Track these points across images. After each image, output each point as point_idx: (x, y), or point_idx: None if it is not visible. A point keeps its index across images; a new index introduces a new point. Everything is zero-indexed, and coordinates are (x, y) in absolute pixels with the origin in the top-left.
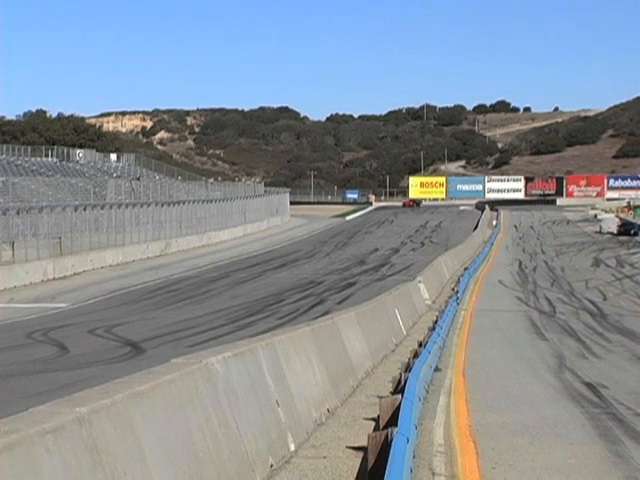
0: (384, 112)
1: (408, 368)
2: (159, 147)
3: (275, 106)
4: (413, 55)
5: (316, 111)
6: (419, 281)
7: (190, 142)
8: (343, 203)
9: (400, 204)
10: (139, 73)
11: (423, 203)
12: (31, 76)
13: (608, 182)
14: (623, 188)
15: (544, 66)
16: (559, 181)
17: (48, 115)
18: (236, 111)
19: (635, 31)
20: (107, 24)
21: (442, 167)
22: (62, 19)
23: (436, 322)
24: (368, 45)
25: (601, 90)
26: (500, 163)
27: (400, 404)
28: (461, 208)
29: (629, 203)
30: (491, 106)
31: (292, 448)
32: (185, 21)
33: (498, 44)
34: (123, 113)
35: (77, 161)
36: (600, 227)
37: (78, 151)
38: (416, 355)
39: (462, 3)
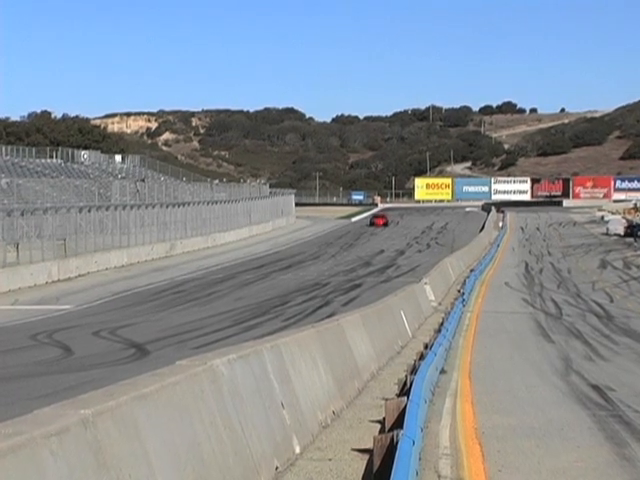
0: (390, 113)
1: (414, 370)
2: (164, 148)
3: (280, 107)
4: (419, 56)
5: (321, 112)
6: (425, 283)
7: (195, 143)
8: (348, 204)
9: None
10: (144, 74)
11: (429, 205)
12: (35, 77)
13: (615, 183)
14: (630, 189)
15: (550, 67)
16: (565, 182)
17: (53, 116)
18: (241, 112)
19: None
20: (112, 25)
21: (448, 168)
22: (67, 19)
23: (442, 324)
24: (373, 46)
25: (608, 91)
26: (506, 164)
27: (406, 406)
28: (467, 210)
29: (636, 204)
30: (497, 107)
31: (297, 450)
32: (190, 22)
33: (504, 45)
34: (128, 114)
35: (82, 162)
36: (607, 229)
37: (83, 152)
38: (422, 357)
39: (468, 3)
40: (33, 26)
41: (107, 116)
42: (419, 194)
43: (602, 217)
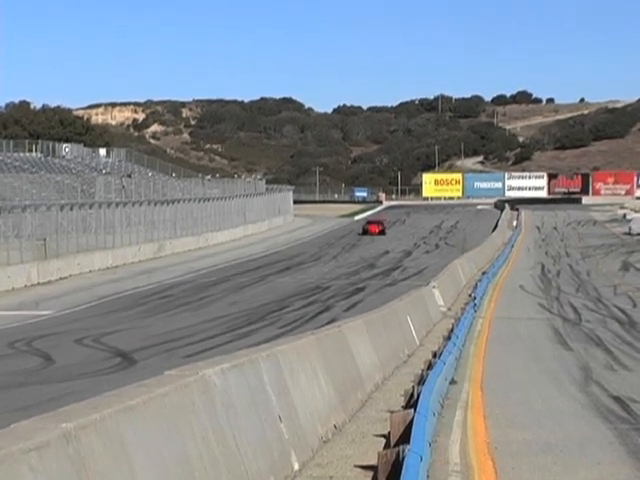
0: (395, 103)
1: (421, 380)
2: (152, 141)
3: (277, 97)
4: (426, 42)
5: (322, 102)
6: (433, 286)
7: (186, 136)
8: (351, 202)
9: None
10: (130, 61)
11: (438, 202)
12: (14, 65)
13: (638, 179)
14: None
15: (568, 53)
16: (585, 178)
17: (32, 107)
18: (235, 102)
19: None
20: (95, 9)
21: (458, 163)
22: (46, 4)
23: (452, 331)
24: (378, 31)
25: (630, 79)
26: (521, 159)
27: (413, 419)
28: (479, 207)
29: None
30: (511, 97)
31: (296, 467)
32: (180, 6)
33: (518, 30)
34: (113, 104)
35: (63, 156)
36: (629, 228)
37: (64, 146)
38: (430, 366)
39: None
40: (10, 12)
41: (90, 107)
42: (427, 191)
43: (624, 215)
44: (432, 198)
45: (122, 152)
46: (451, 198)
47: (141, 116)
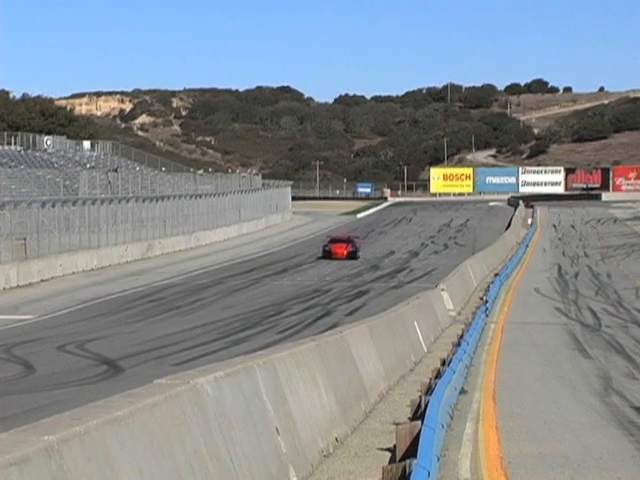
0: (401, 93)
1: (429, 390)
2: (140, 133)
3: (275, 86)
4: (435, 26)
5: (322, 91)
6: (442, 289)
7: (176, 127)
8: (354, 198)
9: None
10: (116, 48)
11: (447, 198)
12: None
13: None
14: None
15: (587, 39)
16: (605, 173)
17: (11, 96)
18: (229, 91)
19: None
20: None
21: (469, 157)
22: None
23: (462, 337)
24: (382, 15)
25: None
26: (536, 152)
27: (420, 432)
28: (491, 204)
29: None
30: (526, 86)
31: None
32: None
33: (533, 14)
34: (98, 94)
35: (45, 149)
36: None
37: (46, 138)
38: (438, 375)
39: None
40: None
41: (74, 96)
42: (435, 186)
43: None
44: (441, 194)
45: (108, 145)
46: (461, 194)
47: (128, 106)
